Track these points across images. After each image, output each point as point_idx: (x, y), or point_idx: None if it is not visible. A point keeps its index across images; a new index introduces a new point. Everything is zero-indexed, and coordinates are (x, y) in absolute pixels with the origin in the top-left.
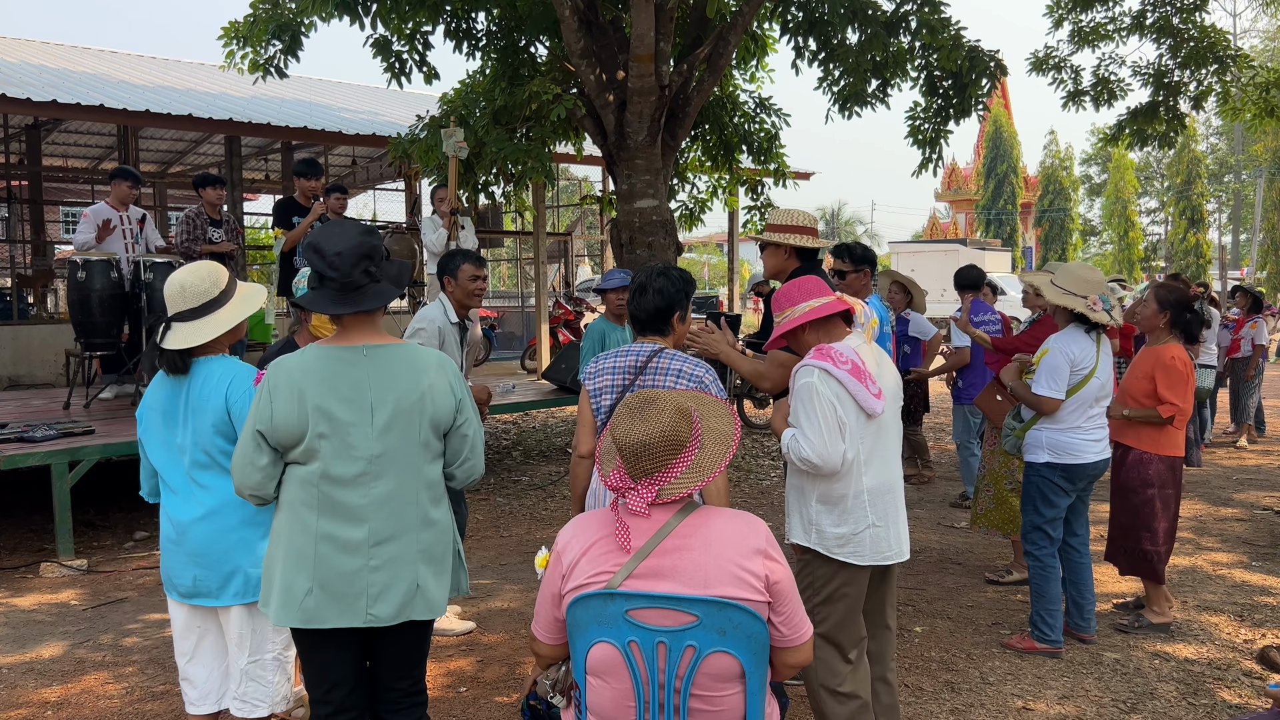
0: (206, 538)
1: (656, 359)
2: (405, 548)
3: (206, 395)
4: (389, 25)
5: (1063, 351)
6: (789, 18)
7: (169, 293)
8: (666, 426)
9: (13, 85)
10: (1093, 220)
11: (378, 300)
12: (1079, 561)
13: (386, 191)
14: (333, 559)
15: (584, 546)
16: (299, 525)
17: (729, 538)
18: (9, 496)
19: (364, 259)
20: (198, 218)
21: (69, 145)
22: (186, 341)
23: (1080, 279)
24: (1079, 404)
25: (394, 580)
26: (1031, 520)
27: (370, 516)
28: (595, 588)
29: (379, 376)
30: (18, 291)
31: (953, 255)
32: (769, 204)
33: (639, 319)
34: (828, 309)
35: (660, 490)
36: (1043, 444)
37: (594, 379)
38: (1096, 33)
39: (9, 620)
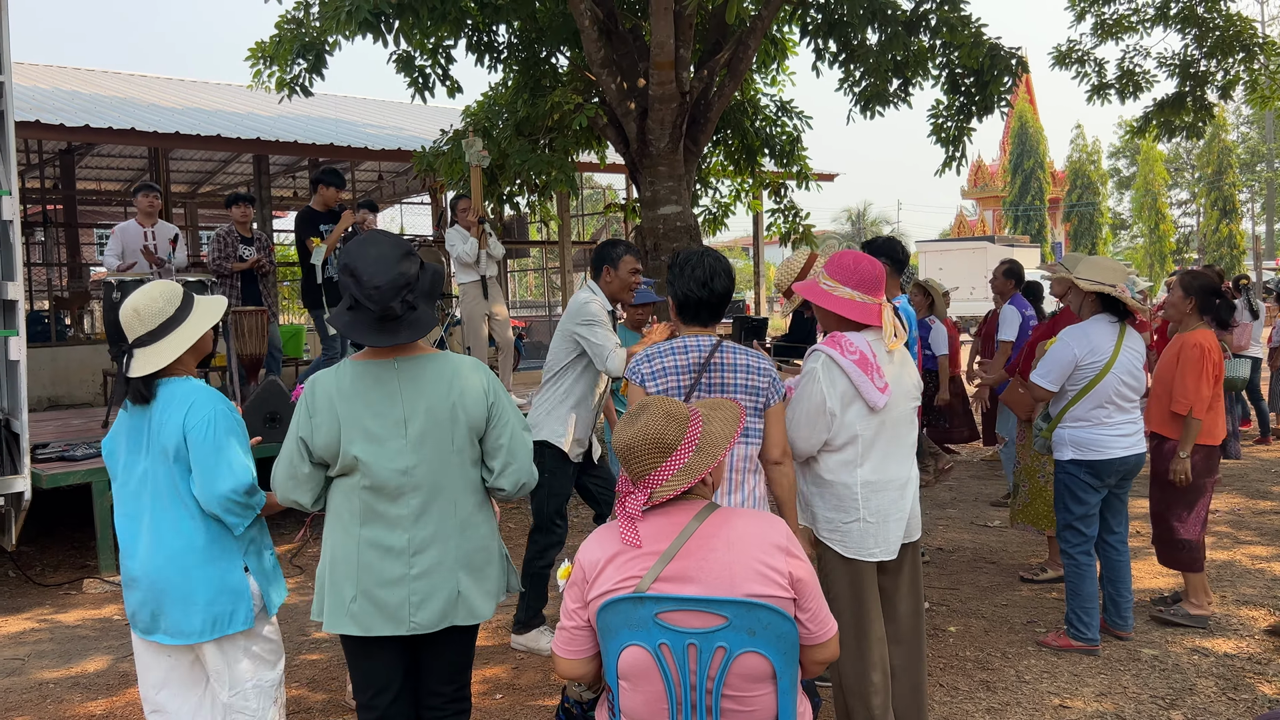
0: (164, 569)
1: (719, 353)
2: (446, 555)
3: (165, 420)
4: (411, 41)
5: (1070, 344)
6: (808, 20)
7: (124, 319)
8: (651, 430)
9: (46, 112)
10: (1122, 214)
11: (413, 333)
12: (1116, 559)
13: (413, 205)
14: (375, 567)
15: (608, 554)
16: (344, 534)
17: (750, 536)
18: (52, 514)
19: (402, 289)
20: (228, 236)
21: (102, 169)
22: (149, 366)
23: (1105, 268)
24: (1097, 398)
25: (435, 588)
26: (1063, 518)
27: (409, 525)
28: (624, 592)
29: (410, 389)
30: (55, 313)
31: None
32: (792, 206)
33: (708, 305)
34: (857, 314)
35: (652, 493)
36: (1066, 440)
37: (655, 379)
38: (1120, 25)
39: (54, 636)
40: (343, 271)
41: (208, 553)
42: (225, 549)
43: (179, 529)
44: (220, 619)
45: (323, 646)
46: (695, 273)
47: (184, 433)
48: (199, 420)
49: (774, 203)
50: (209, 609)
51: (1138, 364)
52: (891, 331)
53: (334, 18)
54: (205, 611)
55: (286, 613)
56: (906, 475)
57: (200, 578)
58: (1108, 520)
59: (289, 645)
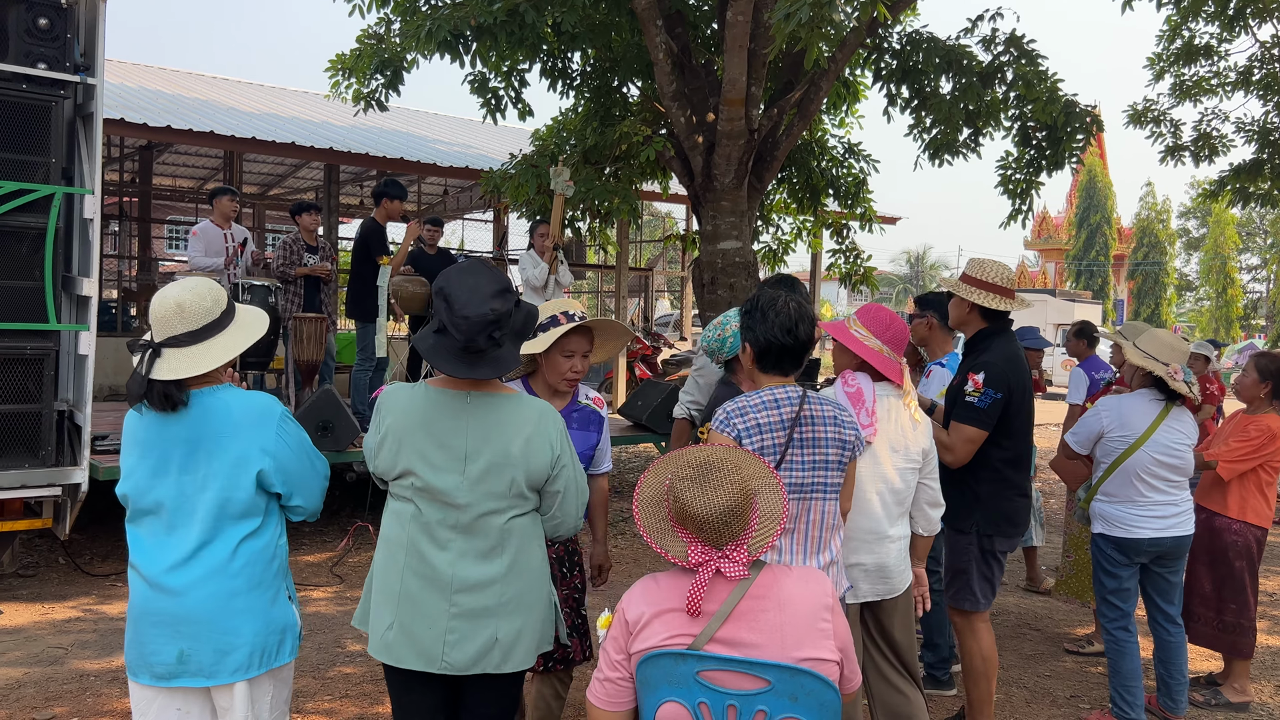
0: (208, 601)
1: (808, 405)
2: (488, 599)
3: (227, 435)
4: (487, 63)
5: (1100, 413)
6: (882, 65)
7: (161, 312)
8: (740, 486)
9: (131, 110)
10: (1189, 275)
11: (494, 370)
12: (1167, 639)
13: (475, 221)
14: (416, 599)
15: (655, 609)
16: (390, 560)
17: (801, 598)
18: (103, 505)
19: (490, 325)
20: (294, 243)
21: (177, 166)
22: (185, 370)
23: (1165, 345)
24: (1127, 475)
25: (473, 630)
26: (1098, 591)
27: (455, 562)
28: (672, 648)
29: (477, 426)
30: (123, 304)
31: (1041, 306)
32: (854, 247)
33: (791, 354)
34: (881, 365)
35: (750, 547)
36: (1097, 514)
37: (751, 437)
38: (1200, 87)
39: (97, 627)
40: (436, 294)
41: (253, 579)
42: (269, 574)
43: (221, 555)
44: (268, 651)
45: (357, 660)
46: (779, 319)
47: (272, 455)
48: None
49: (835, 243)
50: (256, 641)
51: (1181, 445)
52: (910, 395)
53: (414, 36)
54: (252, 644)
55: (323, 623)
56: (886, 530)
57: (243, 608)
58: (1155, 599)
59: (325, 657)
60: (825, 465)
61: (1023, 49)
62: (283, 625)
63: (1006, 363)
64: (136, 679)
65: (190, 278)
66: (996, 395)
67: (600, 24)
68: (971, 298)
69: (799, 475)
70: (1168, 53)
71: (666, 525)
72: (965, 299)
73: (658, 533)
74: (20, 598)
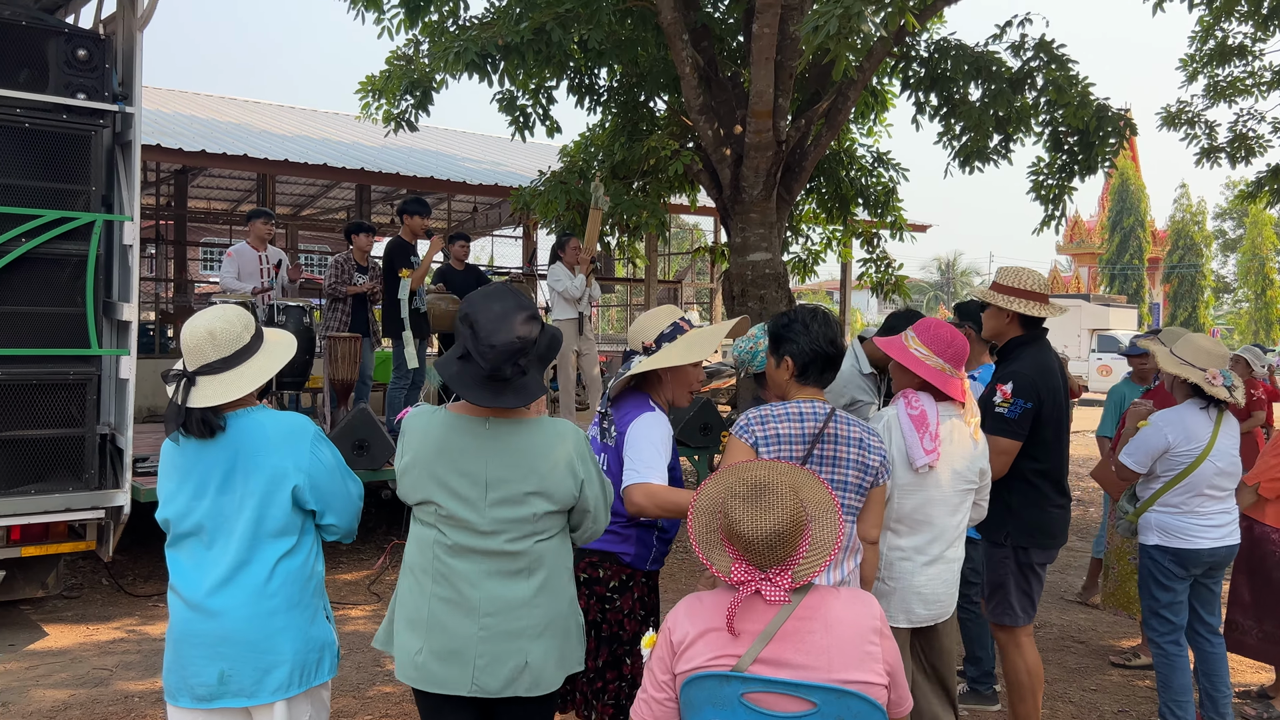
0: (247, 621)
1: (833, 423)
2: (516, 621)
3: (261, 454)
4: (515, 82)
5: (1164, 429)
6: (910, 74)
7: (193, 342)
8: (792, 510)
9: (167, 136)
10: (1226, 277)
11: (519, 399)
12: (1210, 651)
13: (504, 238)
14: (444, 624)
15: (699, 629)
16: (415, 587)
17: (848, 619)
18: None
19: (517, 353)
20: (345, 263)
21: (211, 189)
22: (219, 397)
23: (1201, 350)
24: (1192, 487)
25: (503, 654)
26: (1148, 604)
27: (482, 587)
28: (716, 669)
29: (498, 453)
30: (160, 326)
31: (1075, 311)
32: (885, 256)
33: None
34: (943, 384)
35: (795, 574)
36: (1153, 525)
37: (769, 446)
38: (1234, 88)
39: (141, 648)
40: (461, 321)
41: (291, 598)
42: (306, 592)
43: (260, 574)
44: (308, 669)
45: (396, 679)
46: (824, 330)
47: (305, 472)
48: (316, 449)
49: (866, 252)
50: (295, 659)
51: (1234, 451)
52: (973, 413)
53: (443, 57)
54: (292, 663)
55: (361, 642)
56: (941, 553)
57: (282, 627)
58: (1198, 609)
59: (364, 676)
60: (844, 486)
61: (1053, 54)
62: (321, 643)
63: (1036, 372)
64: (176, 702)
65: (219, 306)
66: (1026, 405)
67: (626, 40)
68: (1011, 306)
69: None
70: (1200, 54)
71: (716, 538)
72: (1004, 308)
73: (706, 544)
74: (65, 619)
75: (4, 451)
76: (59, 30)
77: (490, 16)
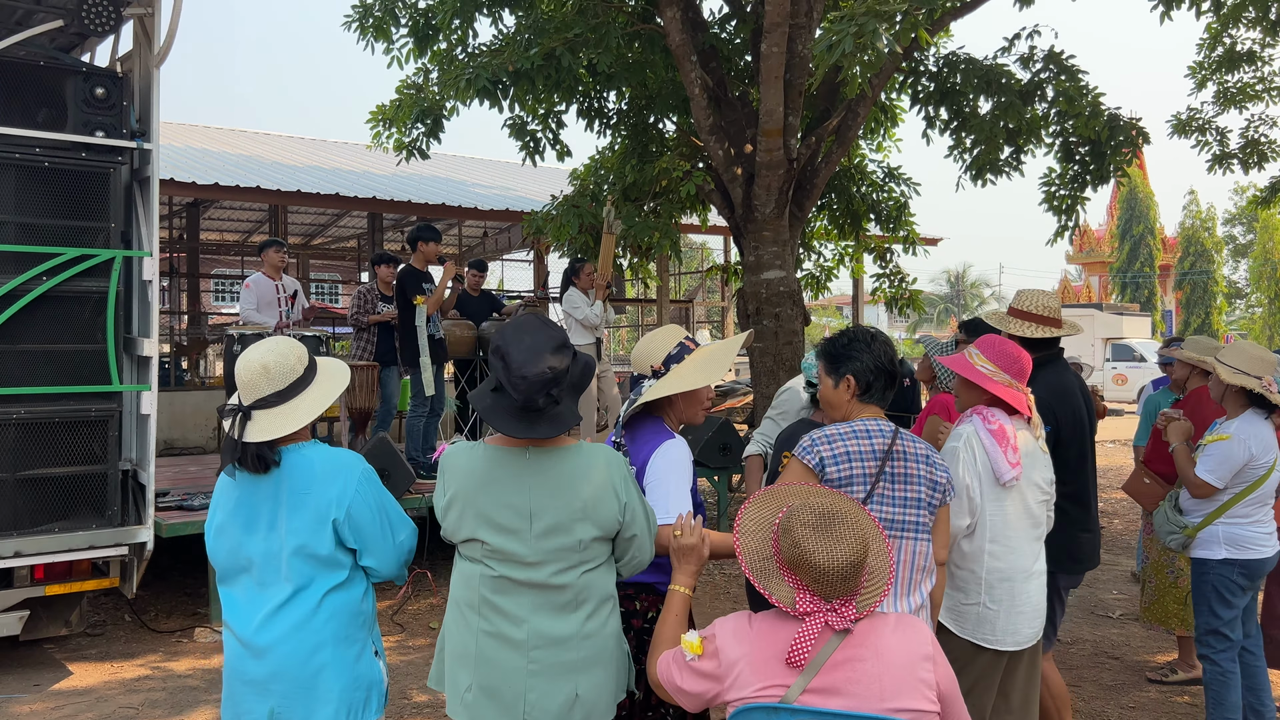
0: (292, 656)
1: (901, 441)
2: (566, 654)
3: (308, 491)
4: (525, 107)
5: (1247, 442)
6: (919, 88)
7: (248, 376)
8: (863, 539)
9: (180, 170)
10: (1238, 283)
11: (553, 429)
12: (1254, 664)
13: (515, 262)
14: (493, 659)
15: (750, 656)
16: (462, 623)
17: (899, 646)
18: (167, 561)
19: (549, 384)
20: (370, 293)
21: (224, 220)
22: (276, 431)
23: (1252, 357)
24: (1260, 499)
25: (554, 688)
26: (1209, 622)
27: (530, 621)
28: (765, 700)
29: (541, 483)
30: (175, 359)
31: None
32: (897, 271)
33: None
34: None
35: (859, 604)
36: (1220, 539)
37: (838, 464)
38: (1244, 93)
39: (165, 685)
40: (493, 353)
41: (338, 633)
42: (356, 629)
43: (306, 607)
44: (354, 709)
45: (424, 711)
46: (886, 350)
47: (345, 507)
48: (361, 488)
49: (879, 267)
50: (342, 697)
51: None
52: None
53: (453, 84)
54: (338, 701)
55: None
56: (1032, 567)
57: (329, 662)
58: (1244, 623)
59: (391, 708)
60: (917, 504)
61: (1062, 65)
62: (369, 681)
63: (1052, 394)
64: None
65: (272, 338)
66: (1046, 428)
67: (635, 63)
68: (1021, 332)
69: (889, 511)
70: (1209, 60)
71: (772, 566)
72: (1010, 334)
73: (762, 573)
74: (89, 657)
75: (27, 490)
76: (77, 69)
77: (499, 44)
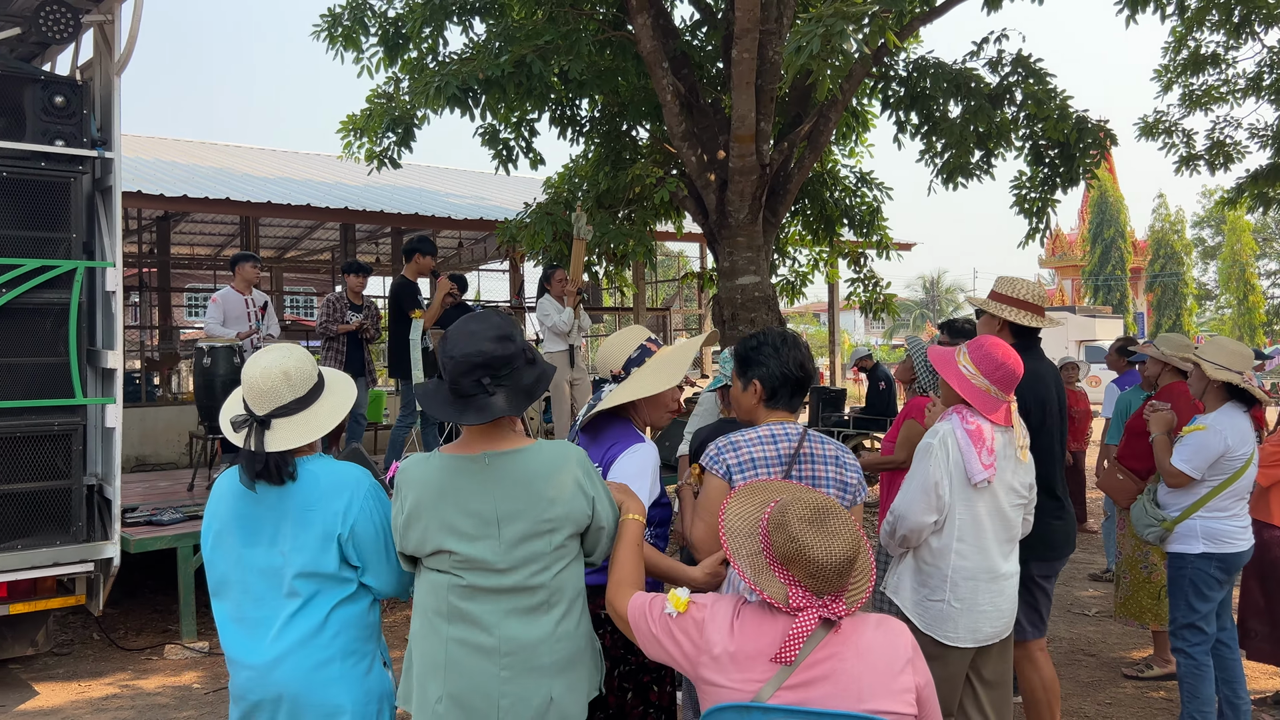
0: (298, 673)
1: (808, 443)
2: (538, 659)
3: (314, 504)
4: (497, 115)
5: (1223, 433)
6: (890, 93)
7: (268, 384)
8: (856, 537)
9: (147, 182)
10: (1208, 284)
11: (481, 415)
12: (1230, 658)
13: (491, 272)
14: (464, 667)
15: (734, 651)
16: (430, 632)
17: (880, 648)
18: (136, 577)
19: (477, 368)
20: (338, 301)
21: (194, 234)
22: (300, 440)
23: (1231, 352)
24: (1237, 493)
25: (526, 694)
26: (1185, 616)
27: (501, 627)
28: (742, 697)
29: (506, 489)
30: (146, 374)
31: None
32: (872, 275)
33: (801, 388)
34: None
35: (848, 600)
36: (1198, 533)
37: (743, 471)
38: (1210, 96)
39: (134, 703)
40: (440, 340)
41: (346, 647)
42: (363, 641)
43: (313, 622)
44: None
45: None
46: (792, 354)
47: (350, 524)
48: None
49: (853, 272)
50: (356, 712)
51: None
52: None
53: (423, 93)
54: (352, 716)
55: None
56: (1000, 569)
57: (338, 677)
58: (1219, 616)
59: None
60: None
61: (1030, 68)
62: (380, 694)
63: (1026, 379)
64: None
65: (282, 345)
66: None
67: (607, 70)
68: (1002, 313)
69: None
70: (1175, 63)
71: (763, 561)
72: (996, 315)
73: (753, 568)
74: (56, 677)
75: None
76: (35, 77)
77: (470, 52)
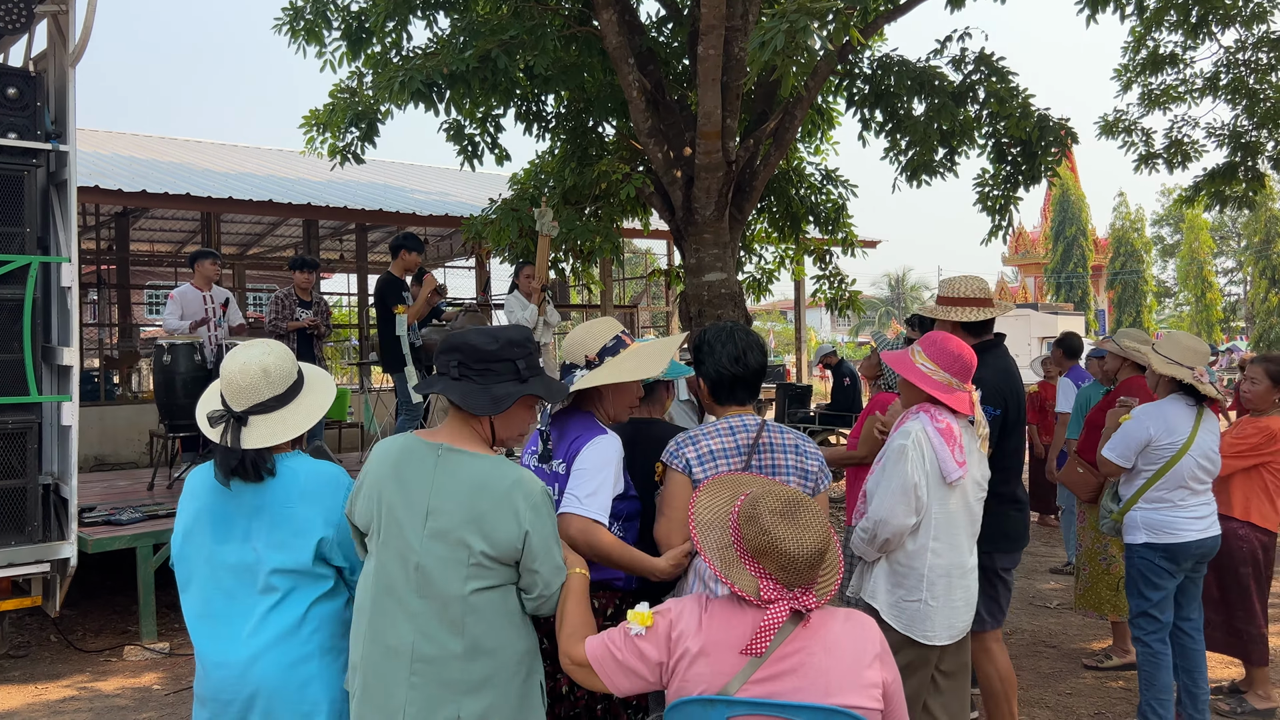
0: (275, 669)
1: (767, 433)
2: (449, 674)
3: (291, 503)
4: (462, 110)
5: (1146, 423)
6: (854, 91)
7: (245, 380)
8: (826, 529)
9: (105, 177)
10: (1167, 282)
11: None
12: (1192, 647)
13: (457, 269)
14: (376, 666)
15: (705, 646)
16: (355, 629)
17: (847, 643)
18: (95, 578)
19: (456, 349)
20: (287, 298)
21: (155, 231)
22: (278, 437)
23: (1185, 348)
24: (1174, 481)
25: (433, 704)
26: (1138, 604)
27: (414, 631)
28: (709, 690)
29: (442, 482)
30: (105, 373)
31: (1024, 320)
32: (837, 272)
33: (744, 382)
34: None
35: (818, 592)
36: (1139, 524)
37: (703, 465)
38: (1168, 95)
39: (92, 705)
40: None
41: (324, 644)
42: (340, 638)
43: (295, 623)
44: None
45: None
46: (726, 349)
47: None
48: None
49: (819, 269)
50: (331, 708)
51: (1214, 446)
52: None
53: (387, 87)
54: (329, 713)
55: None
56: (968, 563)
57: (315, 674)
58: (1181, 606)
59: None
60: None
61: (993, 67)
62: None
63: (1000, 378)
64: None
65: (261, 341)
66: (995, 412)
67: (572, 65)
68: (950, 316)
69: None
70: (1134, 63)
71: (733, 554)
72: (945, 320)
73: (724, 561)
74: (12, 679)
75: None
76: None
77: (434, 46)
